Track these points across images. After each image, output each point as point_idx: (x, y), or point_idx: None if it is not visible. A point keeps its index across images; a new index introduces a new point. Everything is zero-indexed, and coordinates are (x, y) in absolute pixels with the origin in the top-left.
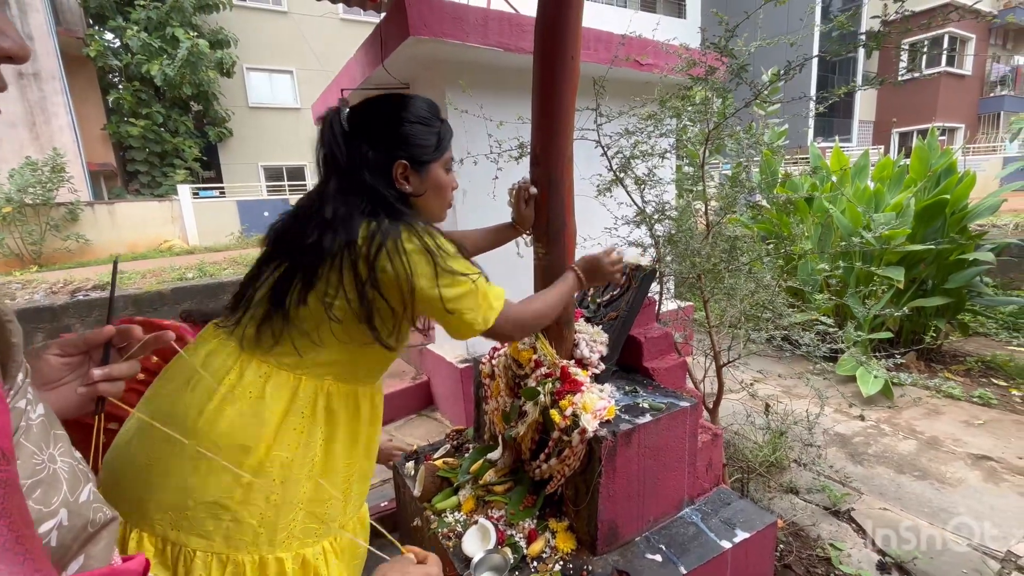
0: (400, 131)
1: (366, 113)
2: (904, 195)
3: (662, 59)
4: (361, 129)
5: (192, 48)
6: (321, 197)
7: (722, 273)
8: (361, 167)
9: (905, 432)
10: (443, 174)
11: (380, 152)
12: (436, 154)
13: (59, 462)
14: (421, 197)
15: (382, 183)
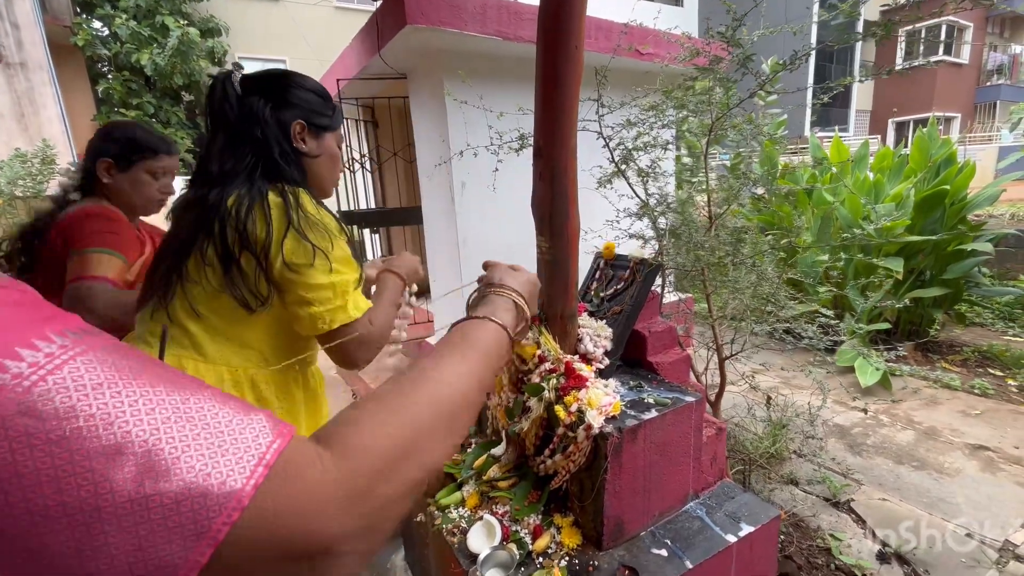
0: (300, 95)
1: (262, 79)
2: (904, 185)
3: (663, 48)
4: (256, 91)
5: (182, 37)
6: (206, 156)
7: (727, 266)
8: (254, 122)
9: (903, 423)
10: (335, 146)
11: (278, 111)
12: (332, 124)
13: None
14: (315, 161)
15: (277, 138)
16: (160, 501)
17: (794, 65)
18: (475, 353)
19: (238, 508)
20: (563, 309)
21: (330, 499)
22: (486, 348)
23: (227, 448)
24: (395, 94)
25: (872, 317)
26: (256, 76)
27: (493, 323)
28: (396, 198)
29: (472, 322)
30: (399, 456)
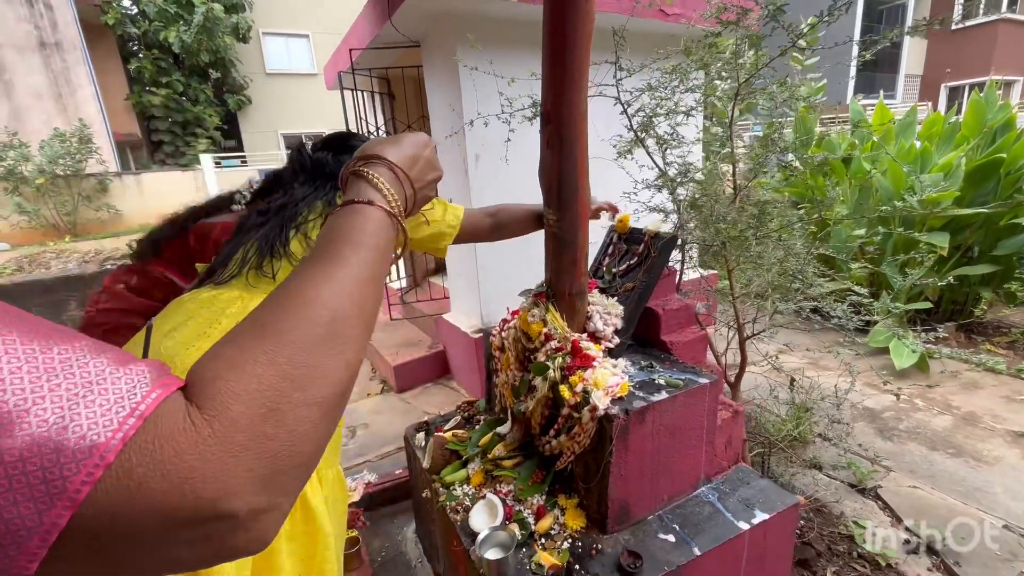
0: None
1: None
2: (954, 154)
3: (690, 7)
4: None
5: (207, 13)
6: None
7: (749, 240)
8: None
9: (940, 407)
10: None
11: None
12: None
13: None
14: None
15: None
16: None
17: (832, 17)
18: (350, 248)
19: (101, 465)
20: (571, 285)
21: (210, 457)
22: (361, 238)
23: (93, 399)
24: (409, 63)
25: (911, 296)
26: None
27: (362, 205)
28: None
29: (339, 212)
30: (281, 392)
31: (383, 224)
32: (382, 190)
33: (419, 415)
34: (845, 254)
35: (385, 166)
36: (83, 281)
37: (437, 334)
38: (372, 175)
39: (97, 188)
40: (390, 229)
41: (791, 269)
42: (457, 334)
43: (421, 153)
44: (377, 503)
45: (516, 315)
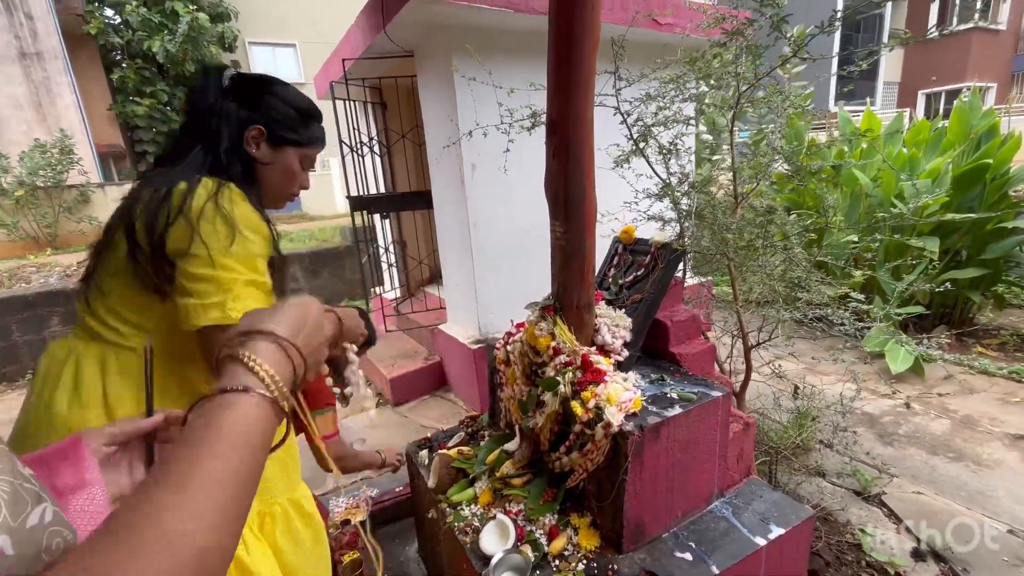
0: (272, 102)
1: (248, 82)
2: (941, 160)
3: (684, 17)
4: (236, 90)
5: (192, 22)
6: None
7: (756, 250)
8: (217, 115)
9: (937, 411)
10: (296, 163)
11: (243, 111)
12: (298, 141)
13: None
14: (266, 168)
15: (231, 135)
16: None
17: (831, 27)
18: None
19: None
20: (579, 298)
21: None
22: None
23: None
24: (402, 73)
25: (904, 300)
26: (245, 78)
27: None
28: (406, 182)
29: (204, 408)
30: None
31: (260, 414)
32: (259, 373)
33: (417, 428)
34: (842, 260)
35: (269, 341)
36: (65, 296)
37: (433, 345)
38: (247, 356)
39: (79, 199)
40: (269, 417)
41: (794, 277)
42: (454, 345)
43: (307, 316)
44: (378, 522)
45: (521, 328)
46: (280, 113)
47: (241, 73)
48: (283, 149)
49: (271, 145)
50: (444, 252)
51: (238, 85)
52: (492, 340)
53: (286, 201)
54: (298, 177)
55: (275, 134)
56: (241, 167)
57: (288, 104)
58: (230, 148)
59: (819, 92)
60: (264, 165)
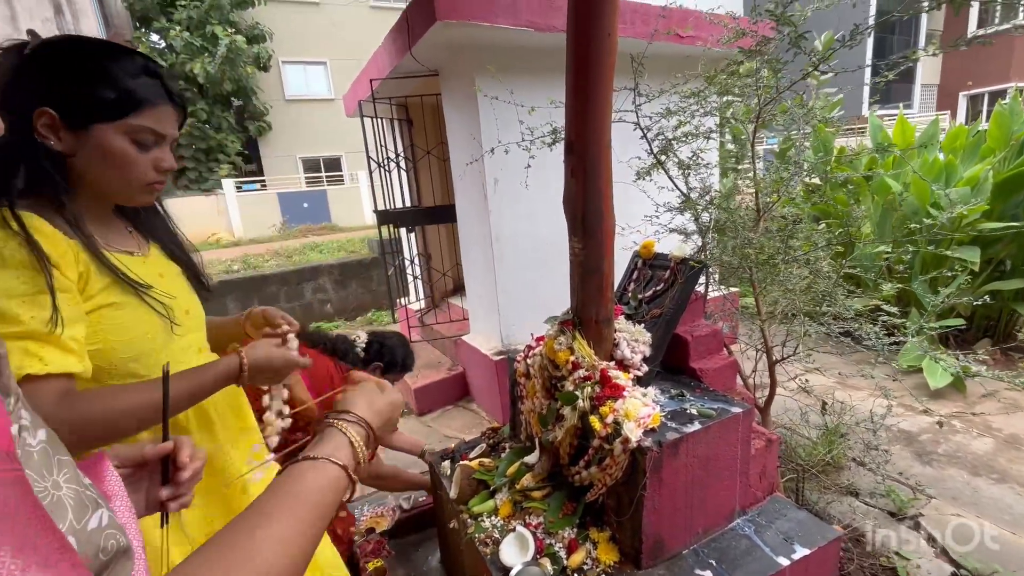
0: (55, 74)
1: (43, 48)
2: (981, 167)
3: (705, 31)
4: (25, 66)
5: (231, 45)
6: None
7: (779, 265)
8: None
9: (980, 429)
10: (120, 142)
11: (26, 94)
12: (110, 114)
13: (64, 489)
14: (78, 160)
15: (14, 131)
16: None
17: (854, 41)
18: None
19: None
20: (598, 313)
21: None
22: (318, 498)
23: None
24: (428, 91)
25: (942, 313)
26: (46, 44)
27: (332, 464)
28: (431, 196)
29: (306, 465)
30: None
31: (343, 486)
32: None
33: (440, 438)
34: (873, 272)
35: (362, 425)
36: None
37: (456, 356)
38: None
39: None
40: (344, 485)
41: (820, 290)
42: (477, 356)
43: (394, 416)
44: (403, 531)
45: (541, 341)
46: (80, 85)
47: (43, 42)
48: (90, 129)
49: (71, 129)
50: (467, 264)
51: (26, 63)
52: (514, 352)
53: (143, 195)
54: (135, 159)
55: (70, 113)
56: (33, 175)
57: (82, 68)
58: (12, 148)
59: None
60: (71, 158)
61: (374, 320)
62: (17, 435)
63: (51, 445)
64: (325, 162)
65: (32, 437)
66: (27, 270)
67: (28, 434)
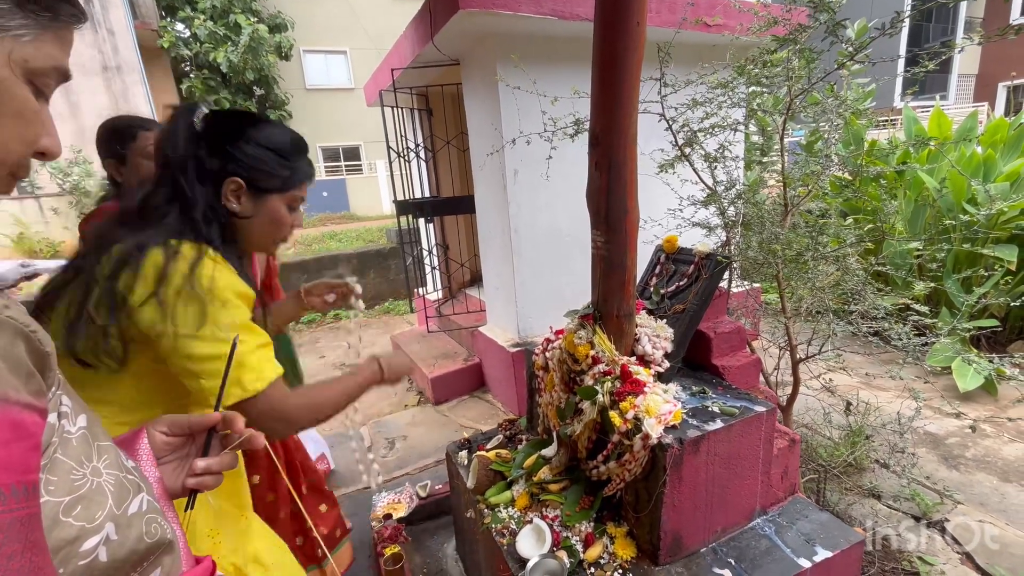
0: (248, 150)
1: (222, 121)
2: (1022, 162)
3: (734, 19)
4: (209, 134)
5: (253, 34)
6: (144, 197)
7: (807, 262)
8: (190, 169)
9: (1012, 434)
10: (283, 210)
11: (217, 161)
12: (281, 187)
13: (104, 475)
14: (248, 222)
15: (205, 193)
16: None
17: (894, 29)
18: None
19: None
20: (619, 308)
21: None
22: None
23: None
24: (448, 81)
25: (975, 313)
26: (221, 117)
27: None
28: (450, 187)
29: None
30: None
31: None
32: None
33: (456, 428)
34: (904, 271)
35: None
36: None
37: (473, 346)
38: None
39: None
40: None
41: (848, 289)
42: (493, 347)
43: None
44: (418, 518)
45: (560, 334)
46: (259, 160)
47: (215, 112)
48: (266, 198)
49: (252, 196)
50: (485, 256)
51: (210, 128)
52: (531, 344)
53: (276, 248)
54: (286, 221)
55: (255, 184)
56: (220, 228)
57: (268, 147)
58: (207, 209)
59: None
60: (246, 219)
61: (391, 310)
62: (56, 422)
63: (91, 431)
64: (344, 151)
65: (72, 424)
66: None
67: (67, 421)
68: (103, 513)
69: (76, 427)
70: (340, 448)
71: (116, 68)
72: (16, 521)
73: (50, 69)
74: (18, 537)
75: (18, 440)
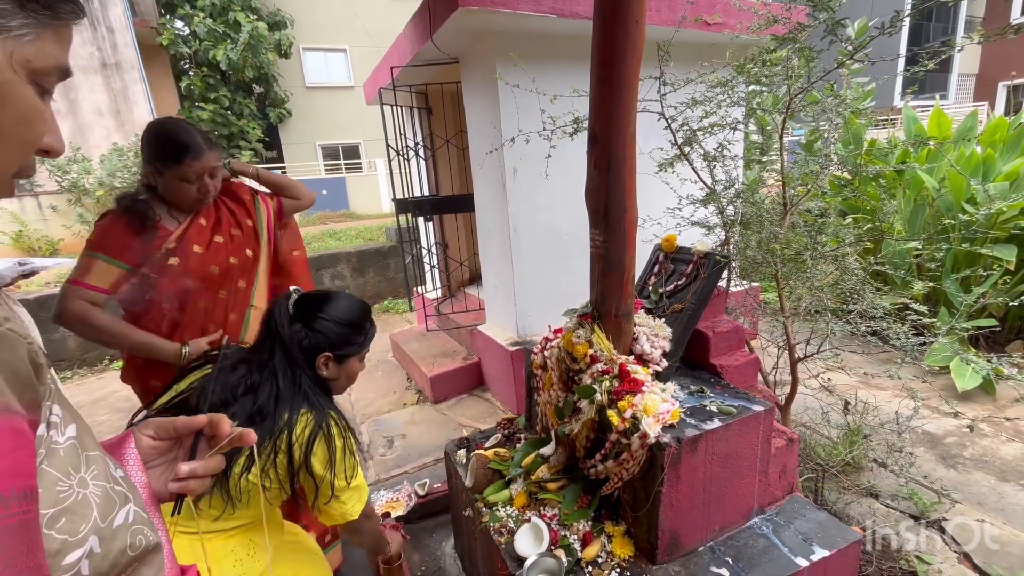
0: (329, 328)
1: (308, 305)
2: (1022, 161)
3: (734, 17)
4: (303, 318)
5: (252, 31)
6: (268, 368)
7: (806, 263)
8: (296, 347)
9: (1010, 434)
10: (357, 364)
11: (312, 342)
12: (357, 351)
13: (91, 486)
14: (333, 383)
15: (305, 365)
16: None
17: (894, 28)
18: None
19: None
20: (618, 306)
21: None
22: None
23: None
24: (448, 79)
25: (974, 313)
26: (305, 301)
27: None
28: (449, 185)
29: None
30: None
31: None
32: None
33: (455, 426)
34: (903, 270)
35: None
36: None
37: (472, 345)
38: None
39: None
40: None
41: (847, 288)
42: (492, 346)
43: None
44: (417, 516)
45: (559, 333)
46: (339, 335)
47: (301, 297)
48: (348, 361)
49: (336, 363)
50: (484, 254)
51: (299, 309)
52: (529, 342)
53: None
54: (358, 372)
55: (339, 354)
56: (323, 389)
57: (343, 324)
58: (313, 377)
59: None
60: (332, 380)
61: (390, 308)
62: (45, 433)
63: (81, 440)
64: (344, 149)
65: (60, 434)
66: None
67: (56, 431)
68: (87, 526)
69: (65, 437)
70: None
71: (115, 66)
72: (22, 525)
73: (52, 68)
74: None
75: (21, 447)
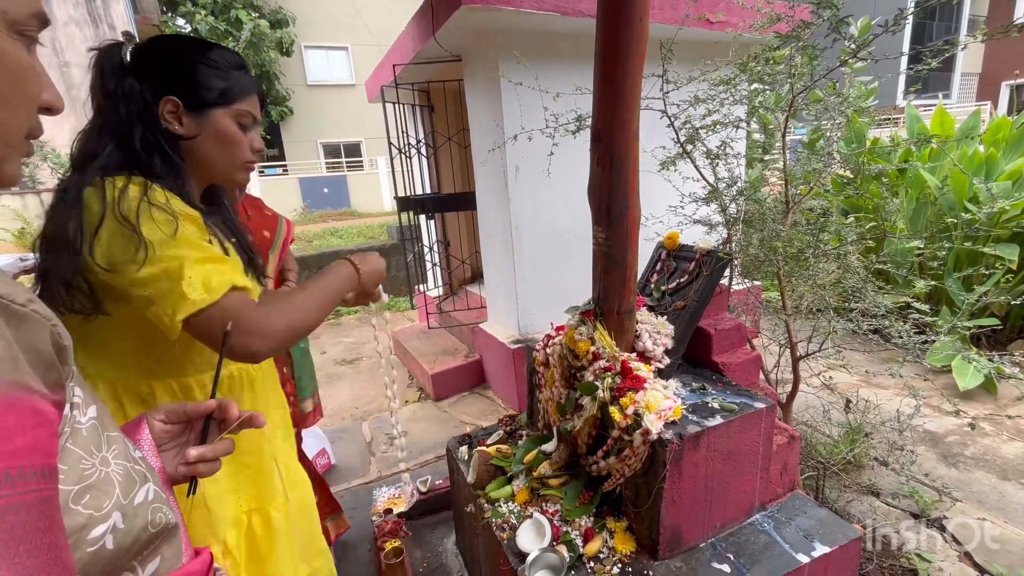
0: (175, 67)
1: (148, 48)
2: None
3: (737, 16)
4: (137, 64)
5: (254, 29)
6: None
7: (808, 261)
8: (121, 100)
9: (1011, 432)
10: (231, 125)
11: (147, 85)
12: (222, 100)
13: (112, 465)
14: (196, 142)
15: (142, 119)
16: None
17: (897, 26)
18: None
19: None
20: (620, 304)
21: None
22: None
23: None
24: (450, 77)
25: (975, 312)
26: (147, 45)
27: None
28: (451, 183)
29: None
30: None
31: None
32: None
33: (456, 423)
34: (905, 269)
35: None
36: None
37: (473, 343)
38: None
39: None
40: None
41: (849, 287)
42: (494, 344)
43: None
44: (418, 513)
45: (561, 331)
46: (195, 75)
47: (141, 43)
48: (207, 113)
49: (192, 114)
50: (486, 252)
51: (139, 59)
52: (531, 340)
53: (242, 173)
54: (241, 140)
55: (192, 99)
56: (164, 157)
57: (203, 62)
58: (146, 135)
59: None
60: (192, 140)
61: (392, 306)
62: (69, 412)
63: (101, 421)
64: (346, 147)
65: (82, 414)
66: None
67: (79, 411)
68: (111, 502)
69: (87, 417)
70: (340, 444)
71: None
72: (41, 501)
73: (29, 16)
74: (45, 515)
75: (41, 426)
